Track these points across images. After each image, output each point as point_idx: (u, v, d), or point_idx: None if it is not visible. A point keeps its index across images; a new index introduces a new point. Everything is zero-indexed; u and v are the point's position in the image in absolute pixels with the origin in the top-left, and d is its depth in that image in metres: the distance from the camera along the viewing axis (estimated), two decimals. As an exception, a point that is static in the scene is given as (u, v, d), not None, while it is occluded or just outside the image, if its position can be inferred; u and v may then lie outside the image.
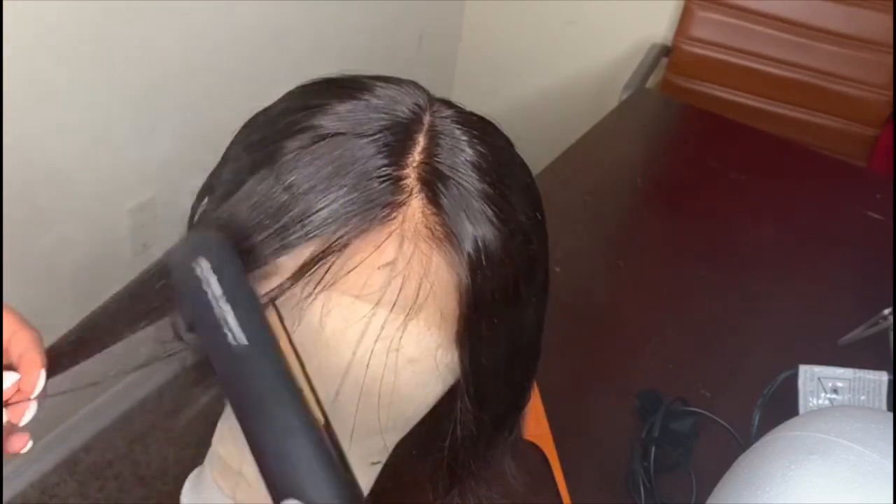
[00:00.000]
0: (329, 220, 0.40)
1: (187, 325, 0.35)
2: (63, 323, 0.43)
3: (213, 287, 0.34)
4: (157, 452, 1.63)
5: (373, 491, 0.54)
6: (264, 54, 1.57)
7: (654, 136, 1.58)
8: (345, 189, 0.40)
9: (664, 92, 1.84)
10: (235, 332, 0.33)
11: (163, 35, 1.34)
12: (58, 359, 0.43)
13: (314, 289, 0.41)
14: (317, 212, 0.40)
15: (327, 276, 0.40)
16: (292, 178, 0.40)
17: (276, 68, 1.59)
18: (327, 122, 0.41)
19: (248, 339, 0.33)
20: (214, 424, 0.53)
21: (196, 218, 0.47)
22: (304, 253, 0.40)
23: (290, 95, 0.45)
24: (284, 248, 0.40)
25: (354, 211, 0.40)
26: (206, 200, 0.47)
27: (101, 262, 1.42)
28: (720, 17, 1.77)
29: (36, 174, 1.26)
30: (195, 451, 0.58)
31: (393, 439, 0.50)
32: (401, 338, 0.42)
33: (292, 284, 0.40)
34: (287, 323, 0.41)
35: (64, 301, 1.39)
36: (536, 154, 0.81)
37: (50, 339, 0.45)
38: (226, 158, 0.46)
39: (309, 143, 0.41)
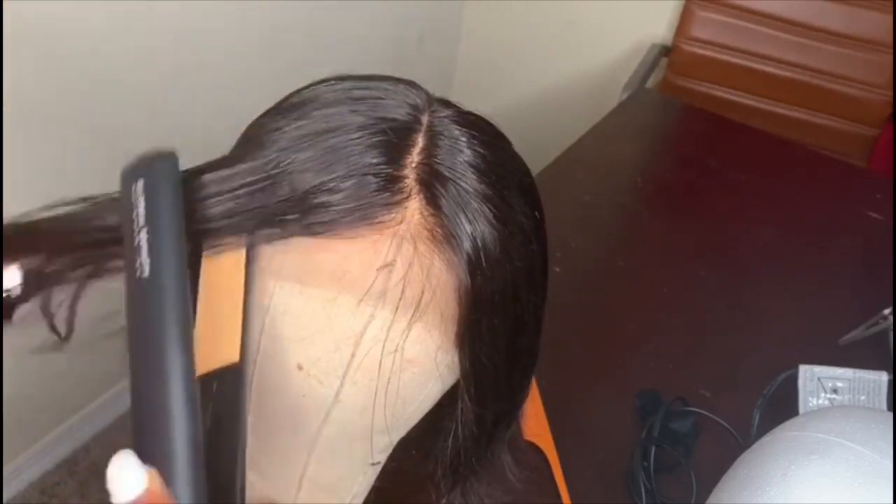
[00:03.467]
0: (327, 222, 0.40)
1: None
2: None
3: (139, 210, 0.33)
4: (157, 452, 1.63)
5: (373, 491, 0.54)
6: (264, 54, 1.57)
7: (654, 136, 1.58)
8: (342, 189, 0.40)
9: (664, 92, 1.84)
10: (143, 262, 0.32)
11: (163, 35, 1.34)
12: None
13: (313, 289, 0.41)
14: (315, 213, 0.40)
15: (322, 275, 0.40)
16: (289, 180, 0.40)
17: (275, 68, 1.59)
18: (325, 123, 0.41)
19: (151, 272, 0.32)
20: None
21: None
22: None
23: (289, 98, 0.45)
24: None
25: (352, 212, 0.40)
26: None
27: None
28: (720, 17, 1.77)
29: (36, 174, 1.26)
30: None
31: (393, 439, 0.50)
32: (405, 340, 0.42)
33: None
34: (288, 322, 0.41)
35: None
36: (536, 154, 0.81)
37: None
38: (226, 159, 0.46)
39: (307, 144, 0.41)
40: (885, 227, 1.29)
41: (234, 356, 0.33)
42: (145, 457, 0.31)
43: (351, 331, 0.41)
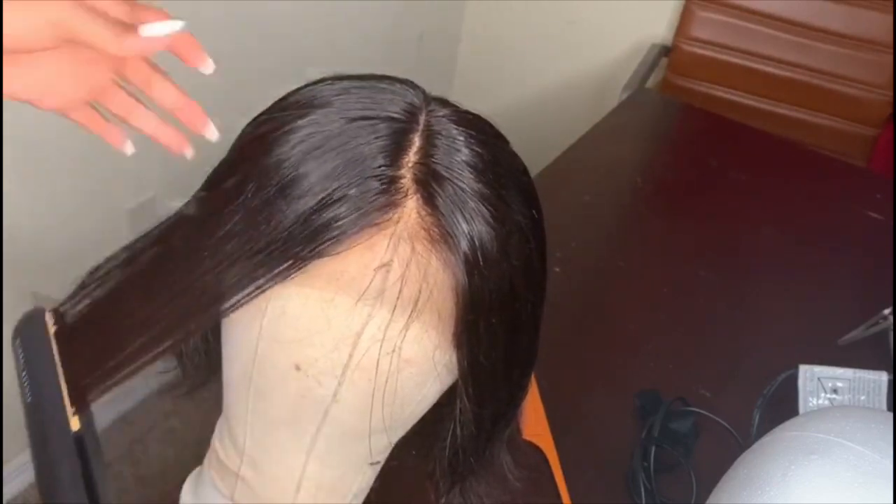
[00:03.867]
0: (335, 237, 0.40)
1: None
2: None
3: (20, 360, 0.43)
4: (157, 452, 1.63)
5: (373, 491, 0.54)
6: (264, 54, 1.57)
7: (654, 136, 1.58)
8: (340, 190, 0.40)
9: (664, 92, 1.84)
10: (28, 392, 0.42)
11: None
12: None
13: (311, 290, 0.41)
14: (312, 214, 0.40)
15: (322, 276, 0.40)
16: (288, 180, 0.40)
17: (275, 68, 1.59)
18: (323, 124, 0.41)
19: (32, 399, 0.42)
20: (214, 424, 0.53)
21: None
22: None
23: (288, 97, 0.45)
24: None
25: (350, 212, 0.40)
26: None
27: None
28: (720, 17, 1.77)
29: (36, 174, 1.26)
30: (195, 451, 0.58)
31: (392, 439, 0.50)
32: (402, 340, 0.42)
33: (267, 269, 0.40)
34: (286, 323, 0.41)
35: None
36: (536, 154, 0.81)
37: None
38: (227, 160, 0.46)
39: (305, 145, 0.41)
40: (885, 227, 1.29)
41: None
42: None
43: (349, 331, 0.41)
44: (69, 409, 0.42)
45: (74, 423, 0.42)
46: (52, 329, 0.44)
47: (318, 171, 0.40)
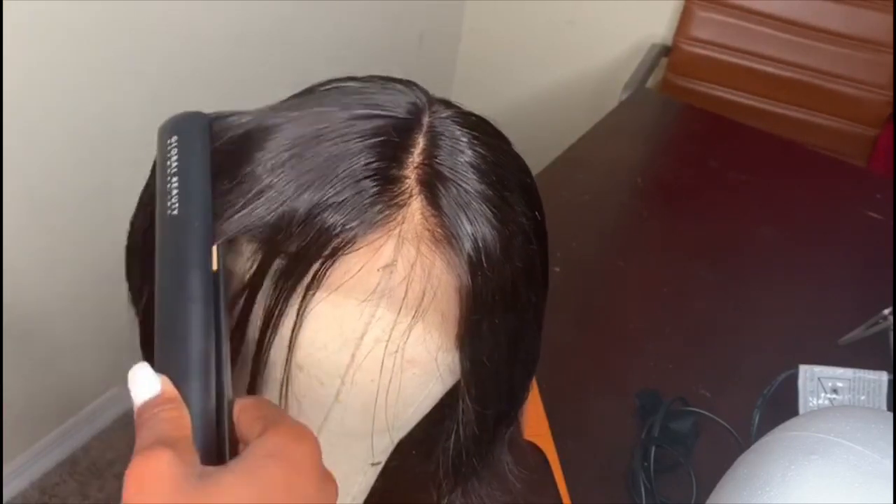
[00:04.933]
0: (329, 223, 0.40)
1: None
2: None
3: (172, 161, 0.38)
4: (157, 452, 1.63)
5: (375, 491, 0.54)
6: (264, 54, 1.57)
7: (654, 136, 1.58)
8: (344, 191, 0.40)
9: (664, 92, 1.84)
10: (174, 202, 0.37)
11: (163, 35, 1.34)
12: None
13: (314, 291, 0.41)
14: (316, 215, 0.40)
15: (327, 279, 0.40)
16: (292, 182, 0.40)
17: (276, 69, 1.59)
18: (326, 125, 0.41)
19: (180, 211, 0.37)
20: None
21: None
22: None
23: (289, 99, 0.45)
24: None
25: (354, 213, 0.40)
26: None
27: (101, 262, 1.42)
28: (720, 17, 1.77)
29: (36, 174, 1.26)
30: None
31: (394, 440, 0.50)
32: (406, 341, 0.42)
33: (294, 285, 0.40)
34: (288, 323, 0.41)
35: (64, 301, 1.39)
36: (536, 154, 0.81)
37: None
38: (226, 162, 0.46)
39: (308, 146, 0.41)
40: (885, 227, 1.29)
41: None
42: (164, 366, 0.36)
43: (352, 331, 0.41)
44: (214, 243, 0.37)
45: (214, 261, 0.37)
46: (209, 142, 0.40)
47: (318, 173, 0.40)
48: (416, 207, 0.41)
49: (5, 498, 1.52)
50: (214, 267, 0.37)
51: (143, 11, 1.29)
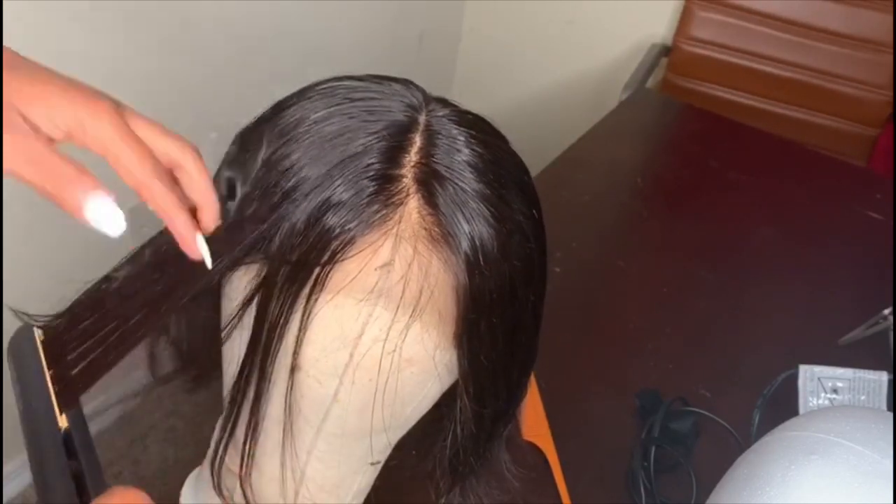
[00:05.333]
0: (328, 225, 0.40)
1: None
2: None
3: (14, 372, 0.46)
4: (157, 452, 1.63)
5: (373, 490, 0.54)
6: (264, 54, 1.57)
7: (654, 136, 1.58)
8: (341, 190, 0.40)
9: (664, 92, 1.84)
10: (20, 400, 0.45)
11: (163, 35, 1.34)
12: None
13: (311, 291, 0.41)
14: (318, 219, 0.40)
15: (323, 278, 0.40)
16: (289, 180, 0.40)
17: (276, 69, 1.59)
18: (323, 124, 0.41)
19: (24, 411, 0.45)
20: (214, 424, 0.53)
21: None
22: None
23: (287, 99, 0.45)
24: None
25: (352, 213, 0.40)
26: None
27: (101, 262, 1.42)
28: (720, 17, 1.77)
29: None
30: (195, 451, 0.58)
31: (392, 439, 0.50)
32: (404, 340, 0.42)
33: (298, 290, 0.41)
34: (290, 327, 0.42)
35: (64, 301, 1.39)
36: (536, 154, 0.81)
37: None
38: (225, 161, 0.46)
39: (305, 145, 0.41)
40: (885, 227, 1.29)
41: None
42: None
43: (350, 331, 0.41)
44: (56, 410, 0.45)
45: (62, 421, 0.44)
46: (39, 341, 0.47)
47: (316, 172, 0.40)
48: (413, 206, 0.41)
49: (5, 498, 1.52)
50: (64, 424, 0.45)
51: (143, 11, 1.29)
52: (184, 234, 0.40)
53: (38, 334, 0.48)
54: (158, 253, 0.45)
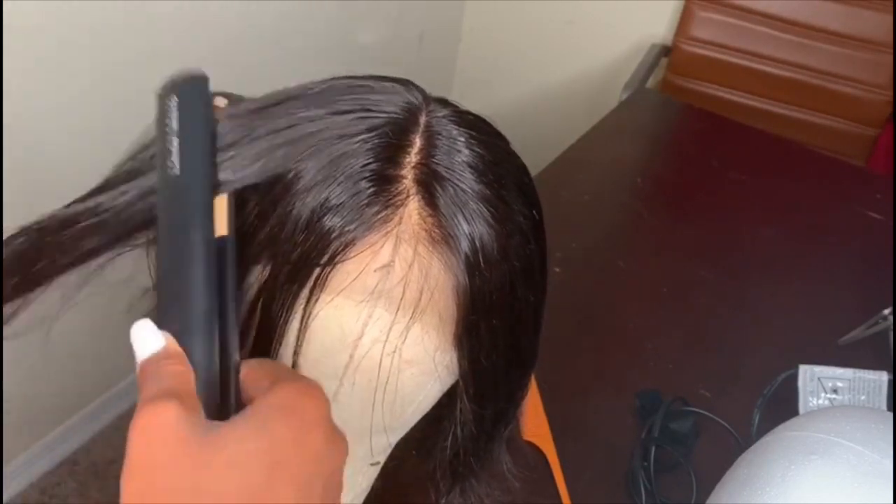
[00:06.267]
0: (328, 226, 0.40)
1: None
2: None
3: (172, 121, 0.38)
4: (157, 452, 1.63)
5: (373, 491, 0.54)
6: (264, 54, 1.57)
7: (654, 136, 1.58)
8: (340, 191, 0.40)
9: (664, 92, 1.84)
10: (174, 161, 0.37)
11: (163, 34, 1.34)
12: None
13: (311, 291, 0.41)
14: (316, 219, 0.39)
15: (323, 279, 0.40)
16: (287, 181, 0.40)
17: (276, 68, 1.59)
18: (322, 124, 0.41)
19: (181, 170, 0.37)
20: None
21: None
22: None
23: (286, 99, 0.45)
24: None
25: (351, 214, 0.40)
26: None
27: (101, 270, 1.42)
28: (720, 17, 1.77)
29: (36, 174, 1.26)
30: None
31: (392, 440, 0.50)
32: (404, 341, 0.42)
33: (298, 291, 0.40)
34: (291, 328, 0.41)
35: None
36: (536, 154, 0.81)
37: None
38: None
39: (303, 146, 0.41)
40: (885, 227, 1.29)
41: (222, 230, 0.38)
42: (167, 324, 0.36)
43: (350, 332, 0.41)
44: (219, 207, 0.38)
45: (224, 226, 0.37)
46: (213, 102, 0.41)
47: (314, 173, 0.40)
48: (412, 207, 0.41)
49: (5, 498, 1.52)
50: (224, 231, 0.37)
51: (143, 11, 1.29)
52: None
53: (210, 93, 0.40)
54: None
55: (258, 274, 0.42)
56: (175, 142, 0.38)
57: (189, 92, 0.40)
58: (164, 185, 0.38)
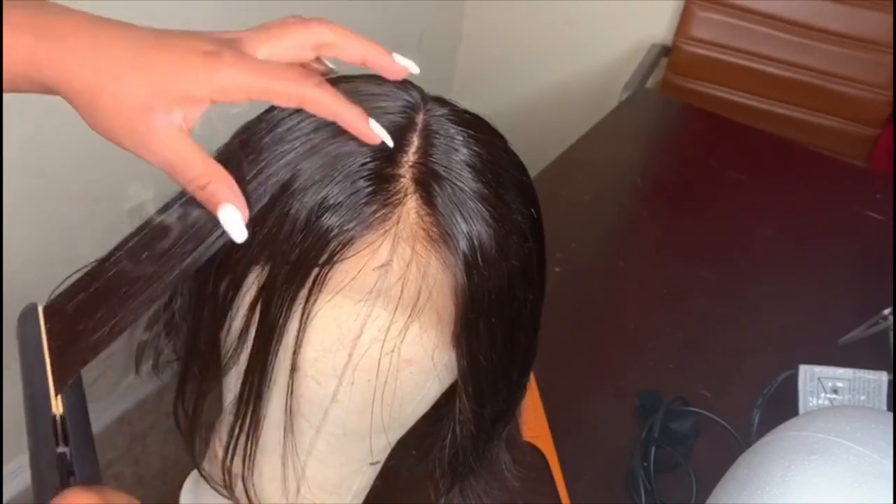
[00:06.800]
0: (326, 225, 0.40)
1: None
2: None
3: (19, 353, 0.47)
4: (157, 452, 1.63)
5: (373, 490, 0.54)
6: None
7: (654, 136, 1.58)
8: (339, 190, 0.40)
9: (664, 92, 1.84)
10: (22, 382, 0.46)
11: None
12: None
13: (310, 291, 0.41)
14: (315, 219, 0.39)
15: (322, 278, 0.40)
16: (286, 180, 0.40)
17: (275, 68, 1.59)
18: (320, 123, 0.41)
19: (25, 389, 0.46)
20: (213, 424, 0.53)
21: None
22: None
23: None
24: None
25: (350, 214, 0.40)
26: None
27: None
28: (720, 17, 1.77)
29: (36, 175, 1.26)
30: (195, 451, 0.58)
31: (392, 439, 0.50)
32: (402, 340, 0.42)
33: (297, 290, 0.40)
34: (289, 327, 0.41)
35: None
36: (536, 154, 0.81)
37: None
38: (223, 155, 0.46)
39: (303, 145, 0.41)
40: (885, 227, 1.29)
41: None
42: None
43: (348, 331, 0.41)
44: (52, 390, 0.45)
45: (57, 406, 0.45)
46: (42, 321, 0.47)
47: (313, 172, 0.40)
48: (411, 207, 0.41)
49: (5, 498, 1.52)
50: (60, 410, 0.46)
51: (142, 11, 1.29)
52: (356, 124, 0.40)
53: (41, 313, 0.48)
54: (159, 231, 0.45)
55: (257, 275, 0.42)
56: (21, 367, 0.47)
57: (22, 326, 0.48)
58: (24, 402, 0.47)
